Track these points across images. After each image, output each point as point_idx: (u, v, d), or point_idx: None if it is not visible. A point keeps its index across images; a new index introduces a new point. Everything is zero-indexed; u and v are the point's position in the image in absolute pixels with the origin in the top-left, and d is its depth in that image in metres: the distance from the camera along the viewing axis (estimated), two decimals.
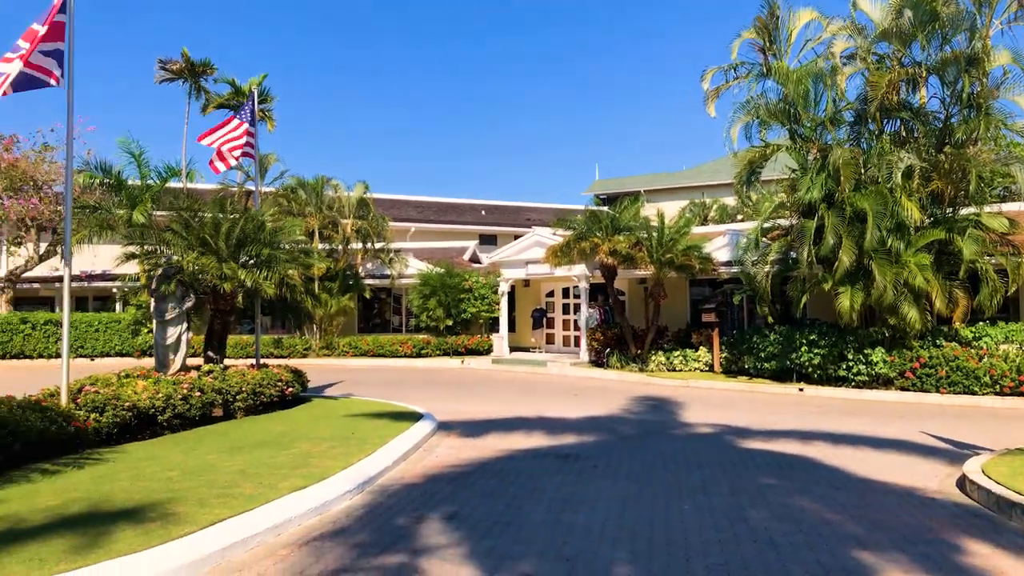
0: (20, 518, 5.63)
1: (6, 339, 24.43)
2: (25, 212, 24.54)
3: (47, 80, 8.99)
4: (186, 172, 27.23)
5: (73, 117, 9.49)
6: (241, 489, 6.52)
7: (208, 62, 29.44)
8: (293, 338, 24.67)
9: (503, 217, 40.11)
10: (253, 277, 11.49)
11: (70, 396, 8.73)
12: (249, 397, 10.93)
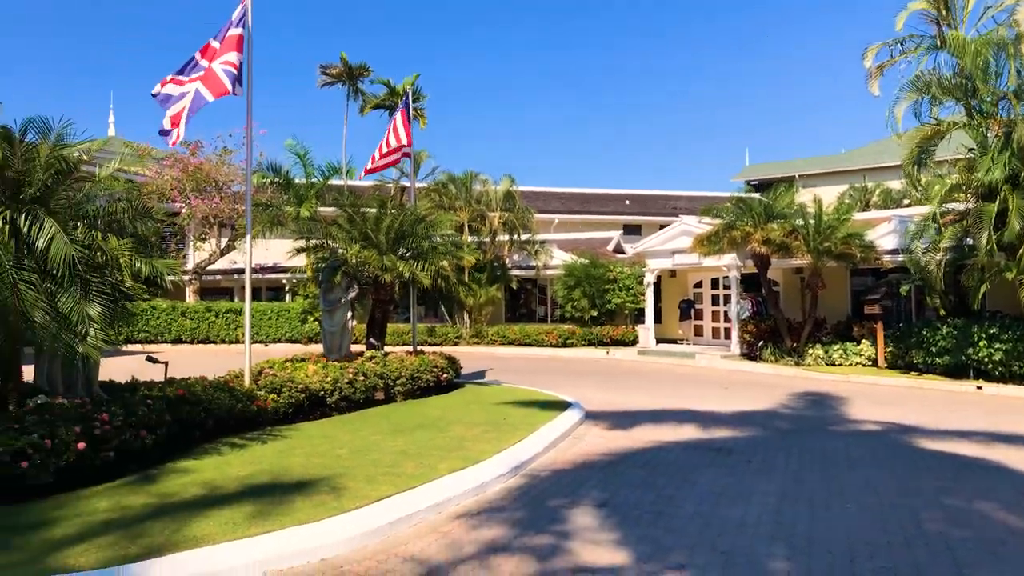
0: (215, 485, 6.30)
1: (194, 326, 27.06)
2: (208, 211, 27.02)
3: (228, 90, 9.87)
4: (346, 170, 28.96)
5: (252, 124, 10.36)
6: (404, 468, 6.93)
7: (364, 65, 31.08)
8: (445, 327, 25.64)
9: (647, 206, 39.54)
10: (411, 268, 12.09)
11: (252, 378, 9.60)
12: (408, 382, 11.53)
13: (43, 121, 6.97)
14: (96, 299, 6.37)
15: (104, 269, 6.68)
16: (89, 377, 7.54)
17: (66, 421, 6.17)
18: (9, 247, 5.93)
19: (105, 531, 5.04)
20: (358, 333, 17.46)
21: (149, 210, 7.80)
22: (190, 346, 26.55)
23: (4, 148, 6.55)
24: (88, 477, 6.25)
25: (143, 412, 6.96)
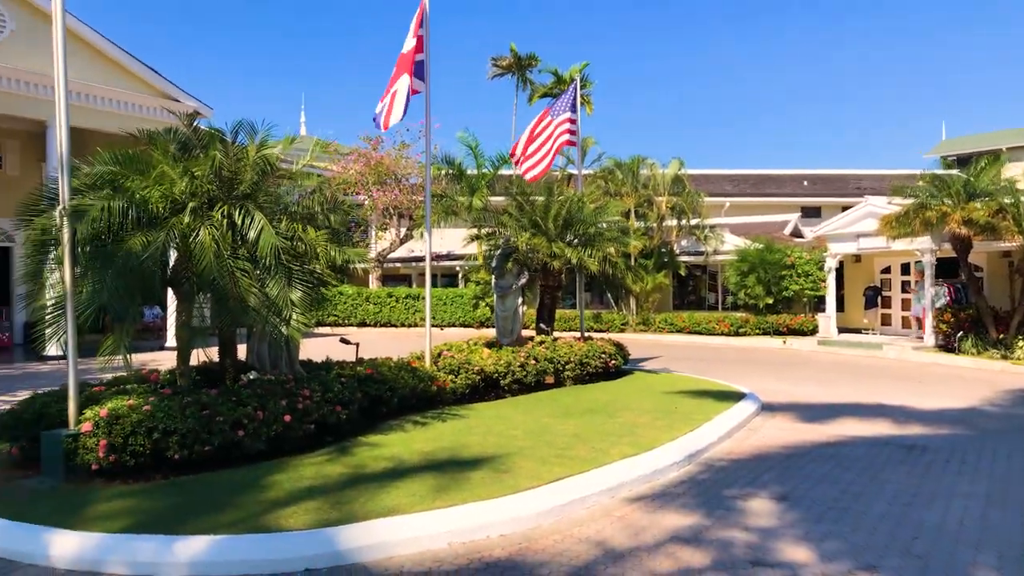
0: (401, 460, 6.74)
1: (376, 310, 28.90)
2: (389, 202, 28.66)
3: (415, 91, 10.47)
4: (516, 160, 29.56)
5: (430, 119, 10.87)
6: (576, 451, 7.06)
7: (533, 55, 31.57)
8: (611, 313, 25.59)
9: (828, 187, 37.10)
10: (578, 255, 12.20)
11: (432, 360, 10.14)
12: (576, 367, 11.67)
13: (250, 124, 7.73)
14: (297, 285, 6.99)
15: (303, 258, 7.31)
16: (291, 356, 8.31)
17: (274, 395, 6.85)
18: (227, 239, 6.64)
19: (310, 496, 5.57)
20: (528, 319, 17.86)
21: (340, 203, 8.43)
22: (373, 329, 28.36)
23: (219, 150, 7.34)
24: (292, 446, 6.90)
25: (338, 389, 7.57)
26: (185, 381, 7.10)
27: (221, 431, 6.22)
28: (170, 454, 6.03)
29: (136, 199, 6.51)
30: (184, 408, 6.19)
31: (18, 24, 16.82)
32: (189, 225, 6.53)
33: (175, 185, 6.78)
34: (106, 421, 5.92)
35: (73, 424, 6.16)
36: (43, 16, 17.10)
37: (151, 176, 6.65)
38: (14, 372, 14.75)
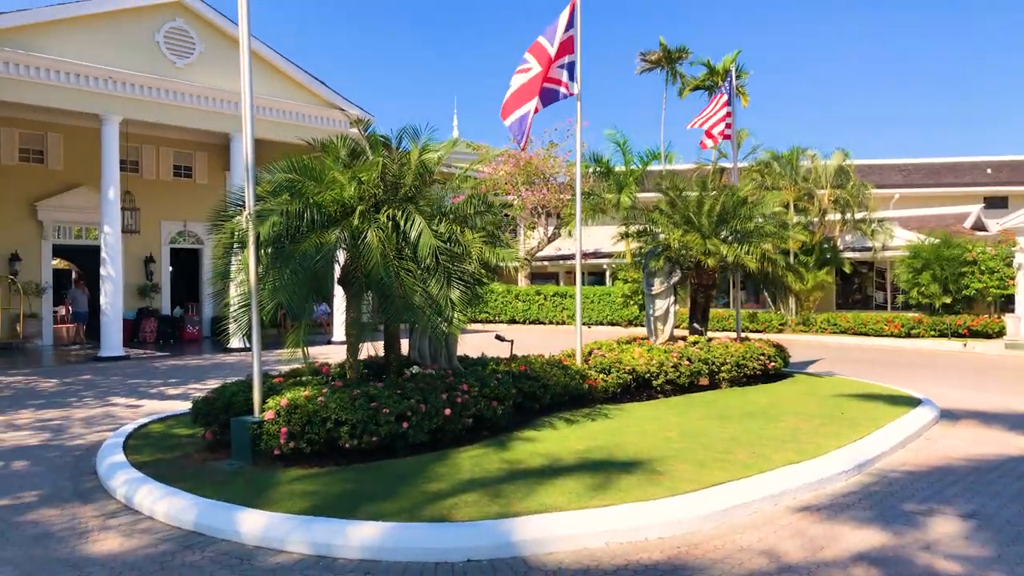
0: (556, 457, 6.80)
1: (524, 307, 29.39)
2: (537, 201, 29.02)
3: (562, 92, 10.50)
4: (665, 155, 29.02)
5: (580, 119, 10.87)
6: (735, 456, 6.82)
7: (683, 48, 30.81)
8: (767, 313, 24.53)
9: (1017, 174, 33.56)
10: (735, 252, 11.78)
11: (583, 358, 10.16)
12: (733, 369, 11.28)
13: (413, 130, 8.07)
14: (456, 284, 7.23)
15: (460, 258, 7.55)
16: (450, 351, 8.62)
17: (435, 390, 7.13)
18: (391, 240, 6.99)
19: (470, 488, 5.75)
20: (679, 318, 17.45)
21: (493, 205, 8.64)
22: (521, 326, 28.84)
23: (384, 156, 7.73)
24: (451, 439, 7.16)
25: (494, 384, 7.76)
26: (353, 374, 7.54)
27: (387, 422, 6.55)
28: (342, 443, 6.43)
29: (311, 203, 6.99)
30: (354, 400, 6.58)
31: (206, 46, 18.54)
32: (358, 227, 6.92)
33: (344, 190, 7.21)
34: (286, 410, 6.41)
35: (257, 412, 6.71)
36: (227, 37, 18.78)
37: (324, 182, 7.12)
38: (204, 362, 16.29)
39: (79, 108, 16.79)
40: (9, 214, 19.71)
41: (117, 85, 16.94)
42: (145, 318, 20.91)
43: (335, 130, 20.78)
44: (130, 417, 9.50)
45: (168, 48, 17.90)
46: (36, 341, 19.76)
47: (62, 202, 20.63)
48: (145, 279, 21.98)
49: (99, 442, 7.93)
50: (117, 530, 5.23)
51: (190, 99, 18.22)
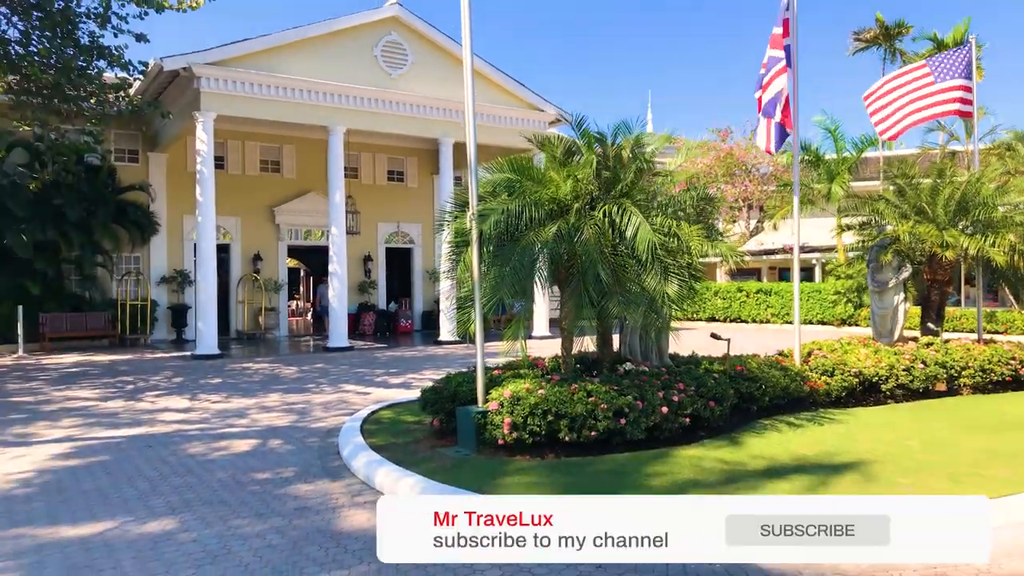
0: (779, 461, 6.48)
1: (725, 305, 28.33)
2: (738, 194, 27.90)
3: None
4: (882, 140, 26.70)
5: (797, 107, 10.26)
6: (993, 471, 6.11)
7: (902, 23, 28.20)
8: (1010, 312, 21.78)
9: None
10: (978, 244, 10.55)
11: (801, 359, 9.60)
12: (976, 374, 10.13)
13: (625, 125, 8.05)
14: (672, 279, 7.12)
15: (676, 253, 7.41)
16: (661, 349, 8.50)
17: (652, 387, 7.06)
18: (607, 236, 7.02)
19: (691, 488, 5.62)
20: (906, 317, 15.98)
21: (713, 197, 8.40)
22: (721, 324, 27.85)
23: (597, 153, 7.77)
24: (666, 438, 7.05)
25: (711, 384, 7.54)
26: (567, 369, 7.66)
27: (605, 418, 6.58)
28: (561, 436, 6.55)
29: (528, 202, 7.18)
30: (572, 394, 6.67)
31: (417, 56, 19.71)
32: (574, 224, 7.02)
33: (560, 188, 7.33)
34: (509, 402, 6.64)
35: (481, 403, 7.01)
36: (435, 47, 19.85)
37: (541, 181, 7.29)
38: (418, 354, 17.35)
39: (310, 121, 18.50)
40: (253, 219, 22.21)
41: (342, 98, 18.48)
42: (364, 312, 22.67)
43: (534, 131, 21.25)
44: (360, 403, 10.32)
45: (384, 61, 19.23)
46: (274, 332, 22.12)
47: (294, 207, 22.90)
48: (364, 276, 23.82)
49: (338, 425, 8.69)
50: (363, 507, 5.68)
51: (403, 107, 19.46)
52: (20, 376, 13.54)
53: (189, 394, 11.39)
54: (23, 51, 14.26)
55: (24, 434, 8.50)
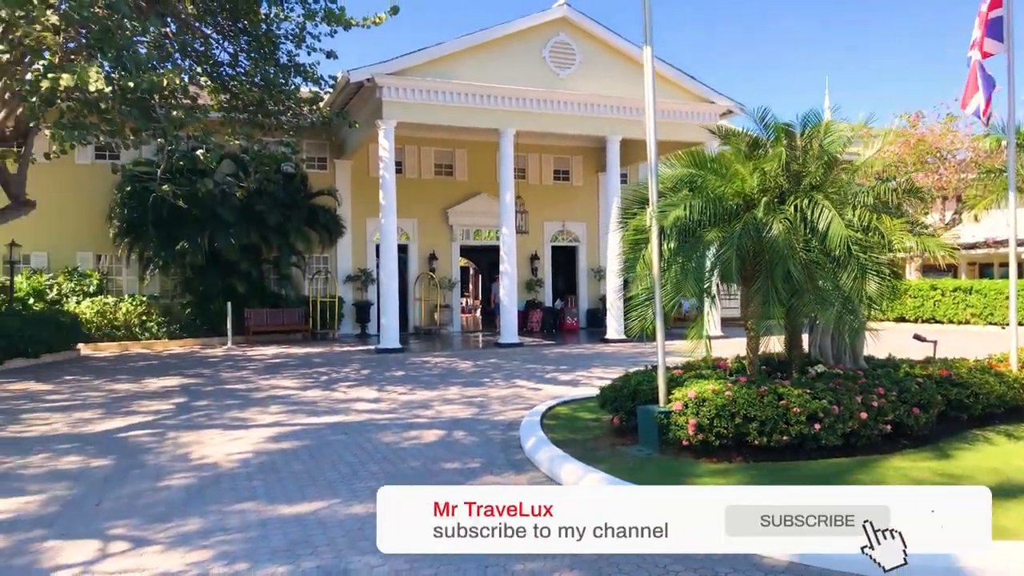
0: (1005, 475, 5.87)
1: (916, 304, 26.10)
2: (932, 184, 25.56)
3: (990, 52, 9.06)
4: None
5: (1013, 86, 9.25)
6: None
7: None
8: None
9: None
10: None
11: (1020, 364, 8.65)
12: None
13: (814, 114, 7.63)
14: (871, 277, 6.65)
15: (875, 248, 6.92)
16: (855, 350, 7.97)
17: (848, 391, 6.64)
18: (798, 232, 6.69)
19: None
20: None
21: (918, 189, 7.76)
22: (912, 325, 25.66)
23: (784, 145, 7.42)
24: (865, 446, 6.60)
25: (915, 389, 6.97)
26: (753, 370, 7.37)
27: (798, 422, 6.27)
28: (750, 439, 6.32)
29: (712, 197, 6.99)
30: (762, 396, 6.42)
31: (584, 55, 19.75)
32: (762, 219, 6.74)
33: (746, 182, 7.08)
34: (694, 402, 6.49)
35: (663, 402, 6.91)
36: (602, 45, 19.81)
37: (726, 175, 7.07)
38: (585, 351, 17.42)
39: (482, 125, 19.10)
40: (428, 221, 23.27)
41: (512, 100, 18.90)
42: (532, 310, 23.08)
43: (704, 124, 20.65)
44: (534, 398, 10.52)
45: (552, 61, 19.44)
46: (448, 328, 23.07)
47: (465, 208, 23.74)
48: (531, 275, 24.25)
49: (516, 419, 8.91)
50: None
51: (571, 107, 19.58)
52: (231, 366, 15.04)
53: (376, 385, 12.12)
54: (232, 72, 15.84)
55: (240, 418, 9.43)
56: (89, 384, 12.58)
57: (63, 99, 12.25)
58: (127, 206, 19.33)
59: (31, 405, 10.57)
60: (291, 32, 15.46)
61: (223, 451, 7.60)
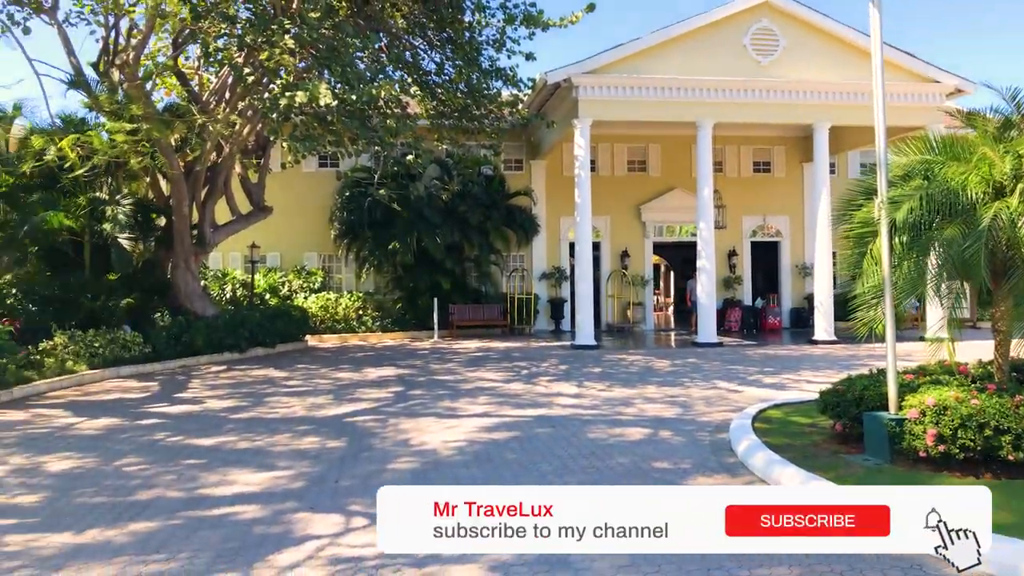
0: None
1: None
2: None
3: None
4: None
5: None
6: None
7: None
8: None
9: None
10: None
11: None
12: None
13: None
14: None
15: None
16: None
17: None
18: None
19: None
20: None
21: None
22: None
23: None
24: None
25: None
26: (1004, 377, 6.61)
27: None
28: (1002, 454, 5.67)
29: (951, 186, 6.34)
30: (1017, 407, 5.74)
31: (788, 40, 18.68)
32: (1017, 209, 6.02)
33: (995, 167, 6.35)
34: (933, 411, 5.93)
35: (894, 409, 6.38)
36: (808, 27, 18.65)
37: (971, 160, 6.38)
38: (791, 353, 16.50)
39: (679, 118, 18.68)
40: (620, 218, 23.18)
41: (710, 92, 18.32)
42: (730, 308, 22.25)
43: (927, 105, 18.80)
44: (739, 400, 10.13)
45: (754, 48, 18.58)
46: (640, 325, 22.84)
47: (658, 204, 23.36)
48: (728, 271, 23.38)
49: (723, 420, 8.64)
50: None
51: (774, 95, 18.60)
52: (439, 358, 15.90)
53: (575, 381, 12.27)
54: (438, 80, 16.74)
55: (452, 408, 9.95)
56: (317, 372, 13.86)
57: (296, 114, 13.59)
58: (346, 210, 21.05)
59: (272, 390, 11.84)
60: (492, 37, 16.06)
61: (439, 438, 8.05)
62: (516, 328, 21.63)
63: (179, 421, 9.27)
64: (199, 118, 13.70)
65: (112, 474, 6.78)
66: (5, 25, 12.98)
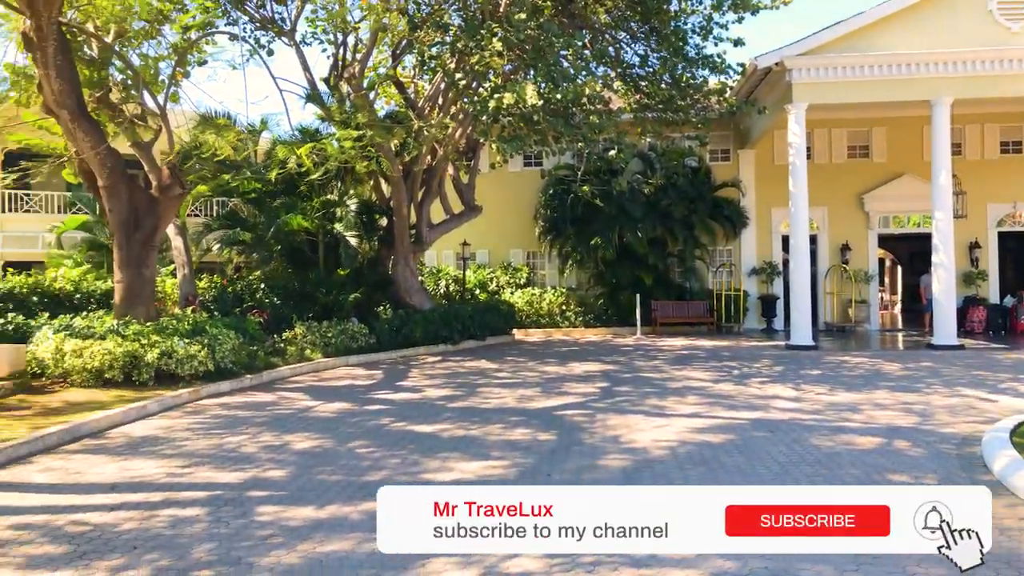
0: None
1: None
2: None
3: None
4: None
5: None
6: None
7: None
8: None
9: None
10: None
11: None
12: None
13: None
14: None
15: None
16: None
17: None
18: None
19: None
20: None
21: None
22: None
23: None
24: None
25: None
26: None
27: None
28: None
29: None
30: None
31: None
32: None
33: None
34: None
35: None
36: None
37: None
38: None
39: (907, 97, 16.94)
40: (839, 208, 21.48)
41: (947, 66, 16.39)
42: (972, 307, 19.82)
43: None
44: (992, 411, 8.97)
45: (1002, 14, 16.37)
46: (864, 325, 21.02)
47: (884, 192, 21.35)
48: (969, 266, 20.85)
49: (972, 433, 7.70)
50: None
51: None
52: (643, 355, 15.68)
53: (792, 383, 11.53)
54: (642, 72, 16.47)
55: (660, 406, 9.74)
56: (525, 365, 14.21)
57: (504, 115, 14.00)
58: (549, 207, 21.43)
59: (483, 381, 12.30)
60: (698, 25, 15.52)
61: (649, 437, 7.89)
62: (723, 326, 20.80)
63: (401, 408, 9.89)
64: (416, 123, 14.56)
65: (346, 454, 7.36)
66: (253, 48, 14.64)
